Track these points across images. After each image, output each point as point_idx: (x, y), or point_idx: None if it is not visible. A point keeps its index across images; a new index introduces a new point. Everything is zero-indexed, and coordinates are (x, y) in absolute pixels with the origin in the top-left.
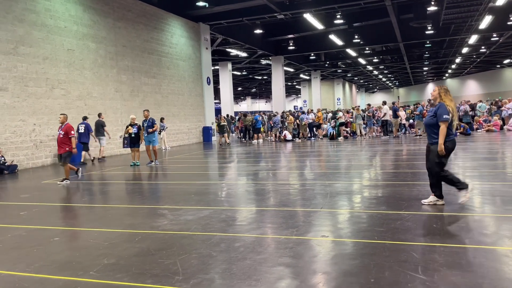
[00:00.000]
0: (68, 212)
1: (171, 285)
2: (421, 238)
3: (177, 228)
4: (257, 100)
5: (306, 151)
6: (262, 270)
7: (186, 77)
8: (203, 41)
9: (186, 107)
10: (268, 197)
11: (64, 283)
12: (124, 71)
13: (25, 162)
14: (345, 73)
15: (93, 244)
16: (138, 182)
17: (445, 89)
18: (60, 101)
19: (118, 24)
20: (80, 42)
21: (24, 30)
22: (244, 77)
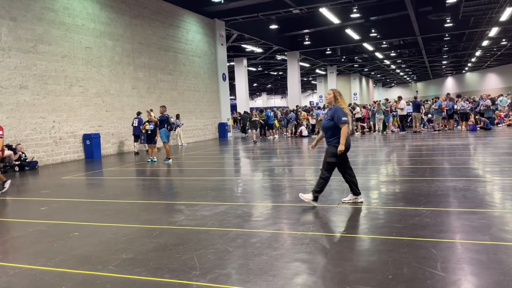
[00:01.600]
0: (87, 207)
1: (189, 280)
2: (440, 234)
3: (194, 224)
4: (273, 96)
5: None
6: (278, 266)
7: (201, 73)
8: (219, 37)
9: (201, 104)
10: (284, 193)
11: (83, 277)
12: (141, 68)
13: (45, 158)
14: (361, 67)
15: (111, 239)
16: (155, 178)
17: (339, 92)
18: (78, 98)
19: (135, 22)
20: (98, 40)
21: (43, 28)
22: (260, 73)
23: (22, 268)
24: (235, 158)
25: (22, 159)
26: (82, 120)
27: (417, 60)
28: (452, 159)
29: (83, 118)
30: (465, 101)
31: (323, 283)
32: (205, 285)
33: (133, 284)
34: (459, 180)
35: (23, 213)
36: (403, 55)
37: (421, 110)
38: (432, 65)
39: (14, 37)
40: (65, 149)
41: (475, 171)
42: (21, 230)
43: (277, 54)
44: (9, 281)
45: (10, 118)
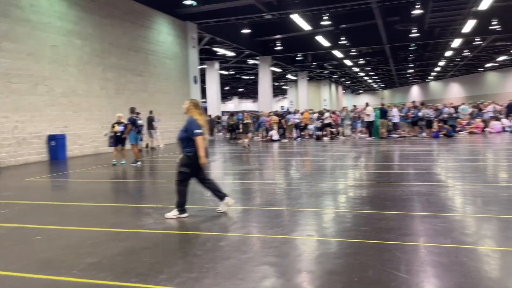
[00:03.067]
0: (51, 210)
1: (156, 284)
2: (405, 237)
3: (162, 227)
4: (244, 100)
5: (292, 151)
6: (247, 269)
7: (172, 75)
8: (190, 40)
9: (172, 106)
10: (254, 197)
11: (46, 282)
12: (110, 69)
13: (7, 159)
14: (331, 74)
15: (76, 243)
16: (123, 180)
17: (195, 103)
18: (44, 98)
19: (105, 21)
20: (65, 39)
21: (8, 25)
22: (231, 76)
23: None
24: None
25: None
26: (47, 121)
27: (385, 68)
28: (416, 164)
29: (49, 118)
30: (430, 109)
31: (291, 285)
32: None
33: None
34: (423, 185)
35: None
36: (371, 63)
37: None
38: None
39: None
40: (29, 150)
41: (438, 176)
42: None
43: (249, 59)
44: None
45: None
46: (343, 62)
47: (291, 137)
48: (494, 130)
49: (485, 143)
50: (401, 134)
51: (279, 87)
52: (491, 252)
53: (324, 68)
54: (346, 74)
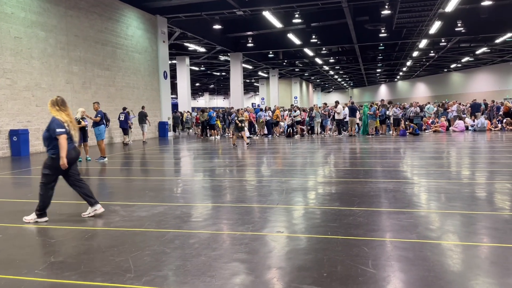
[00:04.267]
0: (12, 208)
1: (122, 283)
2: (372, 233)
3: (129, 225)
4: (215, 96)
5: (263, 148)
6: (216, 266)
7: (142, 70)
8: (160, 34)
9: (141, 101)
10: (225, 194)
11: (6, 282)
12: (76, 62)
13: None
14: (302, 72)
15: (39, 242)
16: (89, 177)
17: (56, 100)
18: (5, 92)
19: (70, 13)
20: (29, 30)
21: None
22: (202, 72)
23: None
24: (176, 158)
25: None
26: (8, 115)
27: (354, 67)
28: (383, 162)
29: (10, 112)
30: (397, 108)
31: (261, 282)
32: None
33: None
34: (390, 182)
35: None
36: (341, 61)
37: (356, 115)
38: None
39: None
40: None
41: (404, 173)
42: None
43: (220, 55)
44: None
45: None
46: (314, 60)
47: (261, 134)
48: (457, 129)
49: (449, 141)
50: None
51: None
52: (453, 246)
53: (295, 66)
54: (316, 72)
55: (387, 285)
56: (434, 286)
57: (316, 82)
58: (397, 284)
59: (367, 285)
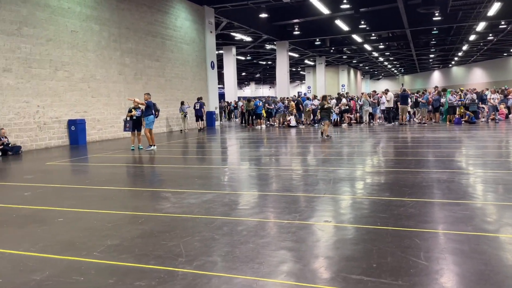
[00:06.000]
0: (72, 193)
1: (174, 267)
2: (424, 224)
3: (180, 211)
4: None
5: (309, 137)
6: (264, 254)
7: (190, 61)
8: (208, 25)
9: (189, 91)
10: (271, 182)
11: (68, 263)
12: (128, 54)
13: (28, 143)
14: (350, 59)
15: (97, 226)
16: (141, 165)
17: None
18: (63, 83)
19: (122, 6)
20: (84, 24)
21: (28, 10)
22: (248, 62)
23: (5, 253)
24: (223, 147)
25: (5, 144)
26: (67, 106)
27: (405, 53)
28: (437, 151)
29: (68, 103)
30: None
31: (309, 270)
32: (191, 272)
33: (117, 270)
34: (443, 172)
35: (7, 198)
36: (391, 47)
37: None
38: (419, 58)
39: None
40: (50, 135)
41: (459, 163)
42: (4, 215)
43: (266, 44)
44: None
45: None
46: (363, 47)
47: (308, 123)
48: None
49: (508, 130)
50: (421, 120)
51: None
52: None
53: (342, 53)
54: (365, 59)
55: (440, 278)
56: (491, 281)
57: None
58: (451, 277)
59: (419, 277)
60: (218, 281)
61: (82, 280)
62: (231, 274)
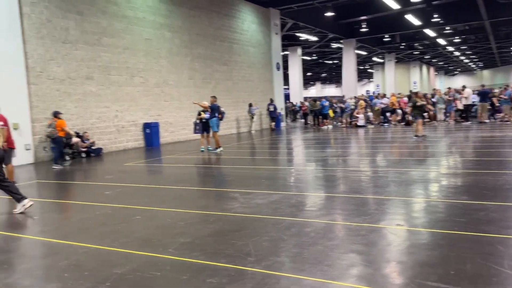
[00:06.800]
0: (148, 192)
1: (244, 266)
2: (508, 230)
3: (248, 211)
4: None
5: (379, 137)
6: (333, 256)
7: (256, 63)
8: (273, 27)
9: (255, 93)
10: (338, 184)
11: (146, 259)
12: (197, 59)
13: (108, 145)
14: (422, 55)
15: (170, 223)
16: (209, 166)
17: None
18: (139, 89)
19: (192, 13)
20: (157, 32)
21: (107, 21)
22: (314, 61)
23: (90, 248)
24: (289, 148)
25: (89, 146)
26: (142, 110)
27: (484, 46)
28: None
29: (143, 107)
30: None
31: (380, 275)
32: (260, 271)
33: (190, 267)
34: None
35: (90, 196)
36: (468, 41)
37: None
38: (500, 51)
39: (80, 30)
40: (127, 137)
41: None
42: (89, 213)
43: (332, 42)
44: (78, 259)
45: (78, 107)
46: (436, 41)
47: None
48: None
49: None
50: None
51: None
52: None
53: (414, 49)
54: (439, 54)
55: None
56: None
57: (438, 65)
58: None
59: (502, 286)
60: (287, 281)
61: (159, 275)
62: (300, 275)
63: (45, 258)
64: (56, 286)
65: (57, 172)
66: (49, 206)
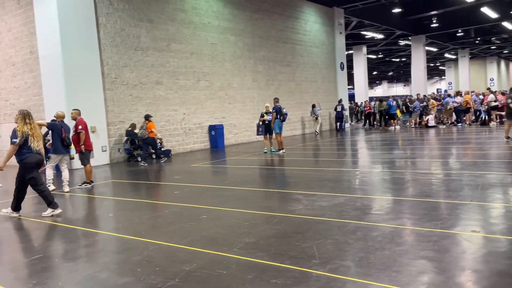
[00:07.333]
0: (213, 193)
1: (308, 268)
2: None
3: (312, 213)
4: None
5: (451, 138)
6: (402, 262)
7: (319, 63)
8: (337, 26)
9: (318, 94)
10: (407, 187)
11: (212, 257)
12: (260, 61)
13: (176, 147)
14: (500, 49)
15: (235, 223)
16: (273, 167)
17: (22, 114)
18: (204, 92)
19: (255, 16)
20: (221, 36)
21: (175, 28)
22: (380, 60)
23: (160, 245)
24: (353, 149)
25: (159, 148)
26: (207, 112)
27: None
28: None
29: (209, 110)
30: None
31: (454, 284)
32: (325, 274)
33: (255, 267)
34: None
35: (161, 196)
36: None
37: None
38: None
39: (151, 37)
40: (193, 139)
41: None
42: (159, 211)
43: (400, 40)
44: (150, 255)
45: (148, 111)
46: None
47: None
48: None
49: None
50: None
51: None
52: None
53: (490, 43)
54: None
55: None
56: None
57: None
58: None
59: None
60: (353, 286)
61: (225, 273)
62: (366, 281)
63: (120, 253)
64: (130, 280)
65: (129, 172)
66: (123, 204)
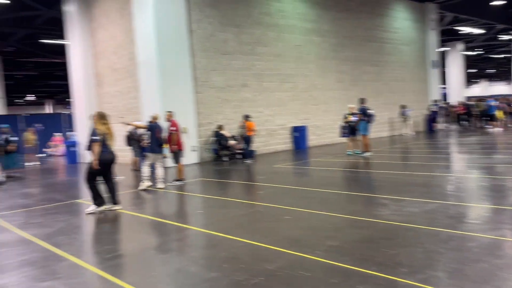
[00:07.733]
0: (296, 194)
1: (395, 276)
2: None
3: (400, 219)
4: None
5: None
6: (502, 277)
7: (408, 62)
8: (429, 22)
9: (406, 94)
10: (509, 195)
11: (294, 258)
12: (345, 62)
13: (261, 148)
14: None
15: (318, 226)
16: (358, 170)
17: (99, 115)
18: (288, 94)
19: (340, 16)
20: (306, 37)
21: (261, 31)
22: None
23: (245, 243)
24: (445, 153)
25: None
26: (291, 114)
27: None
28: None
29: (292, 111)
30: None
31: None
32: (414, 284)
33: (339, 271)
34: None
35: (246, 195)
36: None
37: None
38: None
39: (238, 41)
40: (277, 140)
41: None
42: (244, 210)
43: (502, 34)
44: (235, 252)
45: (235, 113)
46: None
47: None
48: None
49: None
50: None
51: None
52: None
53: None
54: None
55: None
56: None
57: None
58: None
59: None
60: None
61: (308, 276)
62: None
63: (208, 248)
64: (216, 275)
65: (217, 171)
66: (210, 202)
